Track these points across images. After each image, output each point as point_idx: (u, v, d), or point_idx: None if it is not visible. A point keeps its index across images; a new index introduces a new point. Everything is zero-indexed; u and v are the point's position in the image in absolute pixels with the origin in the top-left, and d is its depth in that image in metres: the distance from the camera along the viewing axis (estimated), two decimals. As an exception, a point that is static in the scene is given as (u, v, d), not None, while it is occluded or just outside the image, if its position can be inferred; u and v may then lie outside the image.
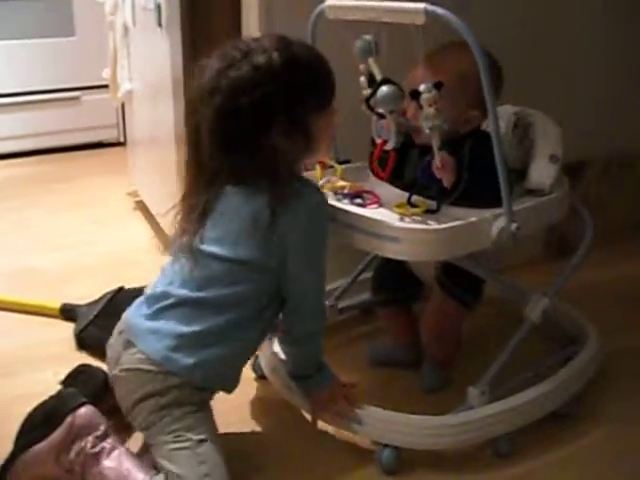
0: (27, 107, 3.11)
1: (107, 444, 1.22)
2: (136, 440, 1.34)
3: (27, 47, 3.07)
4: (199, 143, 1.22)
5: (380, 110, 1.34)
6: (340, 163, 1.47)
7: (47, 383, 1.52)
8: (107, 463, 1.21)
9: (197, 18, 1.67)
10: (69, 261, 2.17)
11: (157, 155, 2.18)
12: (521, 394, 1.39)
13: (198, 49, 1.68)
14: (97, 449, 1.21)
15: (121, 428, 1.31)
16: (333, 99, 1.28)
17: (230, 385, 1.31)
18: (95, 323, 1.75)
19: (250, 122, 1.19)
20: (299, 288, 1.27)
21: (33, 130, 3.15)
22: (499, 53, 1.38)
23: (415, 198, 1.31)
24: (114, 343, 1.30)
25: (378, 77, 1.35)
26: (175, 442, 1.20)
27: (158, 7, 1.85)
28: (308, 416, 1.43)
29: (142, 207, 2.53)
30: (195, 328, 1.22)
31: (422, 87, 1.22)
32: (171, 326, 1.23)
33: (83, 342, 1.71)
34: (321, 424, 1.41)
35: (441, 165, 1.25)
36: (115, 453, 1.22)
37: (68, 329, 1.77)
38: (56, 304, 1.85)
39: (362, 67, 1.38)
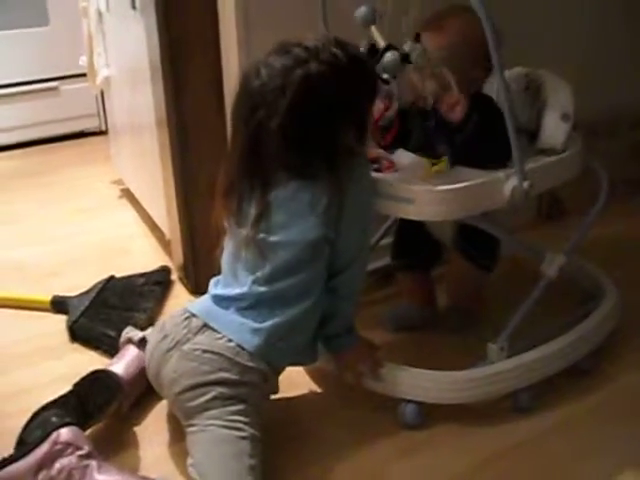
0: (5, 100, 3.06)
1: (93, 462, 1.21)
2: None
3: (1, 39, 3.01)
4: (259, 139, 1.23)
5: (385, 76, 1.35)
6: None
7: (42, 378, 1.52)
8: (100, 477, 1.19)
9: (171, -2, 1.63)
10: (58, 253, 2.15)
11: (139, 141, 2.16)
12: (539, 349, 1.41)
13: (174, 30, 1.65)
14: (84, 464, 1.20)
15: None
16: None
17: (312, 359, 1.40)
18: (87, 314, 1.74)
19: (327, 120, 1.23)
20: (354, 250, 1.32)
21: (13, 123, 3.10)
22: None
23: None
24: (177, 323, 1.31)
25: (381, 44, 1.35)
26: (232, 429, 1.21)
27: (131, -11, 1.82)
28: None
29: (128, 195, 2.51)
30: (280, 319, 1.27)
31: (407, 48, 1.28)
32: (258, 322, 1.27)
33: (76, 334, 1.70)
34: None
35: (453, 100, 1.30)
36: (105, 468, 1.21)
37: (60, 322, 1.75)
38: (46, 297, 1.83)
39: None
